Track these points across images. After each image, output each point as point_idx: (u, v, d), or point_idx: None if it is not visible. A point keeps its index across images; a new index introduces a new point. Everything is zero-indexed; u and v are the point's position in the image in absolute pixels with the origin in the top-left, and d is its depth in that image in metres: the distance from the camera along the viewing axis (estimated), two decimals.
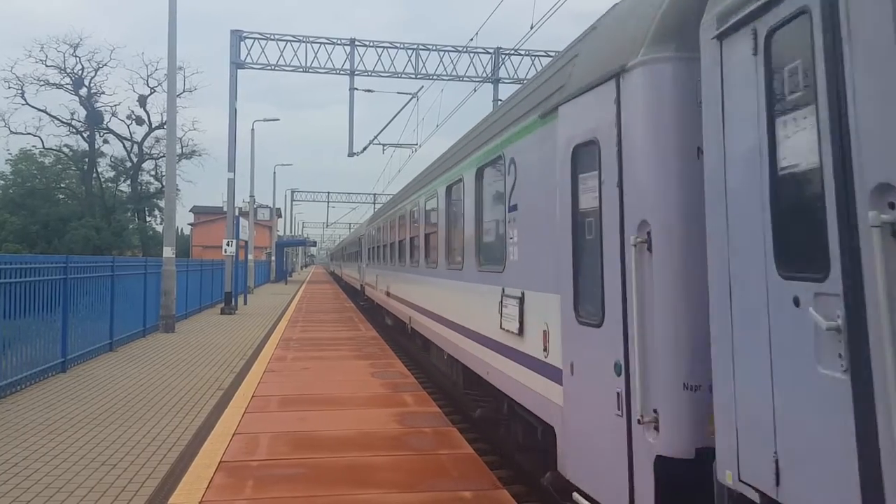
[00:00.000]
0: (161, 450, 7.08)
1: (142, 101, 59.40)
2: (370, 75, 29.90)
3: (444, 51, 30.17)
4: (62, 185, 60.48)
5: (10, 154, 56.97)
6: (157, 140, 59.59)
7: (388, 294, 18.45)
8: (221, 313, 24.81)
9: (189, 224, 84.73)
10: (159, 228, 55.44)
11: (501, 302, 6.82)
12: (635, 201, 4.17)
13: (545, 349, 5.57)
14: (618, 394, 4.27)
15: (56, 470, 6.41)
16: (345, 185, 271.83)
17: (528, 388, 6.02)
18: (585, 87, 4.80)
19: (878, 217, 2.46)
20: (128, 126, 60.89)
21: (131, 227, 60.89)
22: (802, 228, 2.98)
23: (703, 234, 3.70)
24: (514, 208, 6.53)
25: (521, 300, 6.22)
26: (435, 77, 29.95)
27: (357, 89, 29.82)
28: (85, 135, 58.87)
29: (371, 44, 29.80)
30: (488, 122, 8.43)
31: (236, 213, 28.79)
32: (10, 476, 6.22)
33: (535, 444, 6.30)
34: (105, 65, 63.61)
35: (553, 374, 5.35)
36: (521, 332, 6.24)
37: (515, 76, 30.27)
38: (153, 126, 60.05)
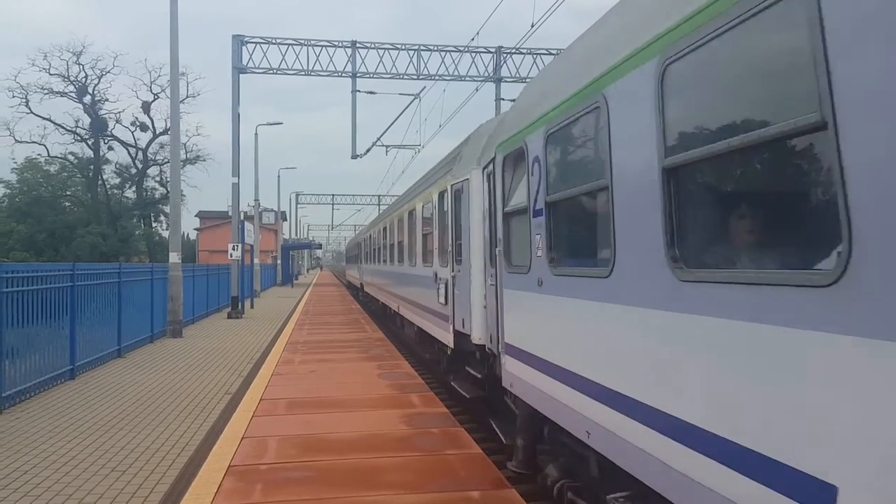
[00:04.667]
0: (170, 455, 7.10)
1: (145, 107, 59.72)
2: (372, 77, 29.94)
3: (446, 51, 30.18)
4: (68, 193, 60.77)
5: (15, 163, 57.35)
6: (162, 146, 59.92)
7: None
8: (228, 317, 24.89)
9: (195, 229, 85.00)
10: (165, 234, 55.66)
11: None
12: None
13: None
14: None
15: (66, 477, 6.44)
16: (349, 187, 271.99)
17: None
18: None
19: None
20: (132, 133, 61.27)
21: (137, 233, 61.16)
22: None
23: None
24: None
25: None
26: (437, 77, 29.96)
27: (359, 91, 29.88)
28: (90, 142, 59.24)
29: (372, 45, 29.83)
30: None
31: (241, 218, 28.87)
32: (22, 483, 6.25)
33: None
34: (108, 72, 63.88)
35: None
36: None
37: (517, 75, 30.24)
38: (157, 132, 60.38)
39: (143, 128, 60.57)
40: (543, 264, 5.54)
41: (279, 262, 62.53)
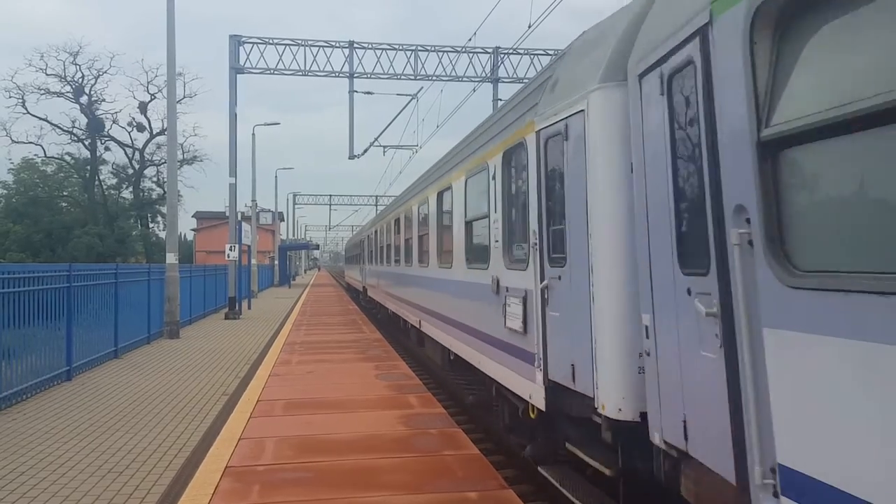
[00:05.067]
0: (167, 456, 7.09)
1: (142, 107, 59.58)
2: (369, 77, 29.94)
3: (443, 51, 30.19)
4: (65, 194, 60.59)
5: (12, 163, 57.16)
6: (159, 146, 59.72)
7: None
8: (226, 318, 24.85)
9: (192, 230, 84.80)
10: (162, 235, 55.49)
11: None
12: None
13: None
14: None
15: (62, 478, 6.42)
16: (346, 187, 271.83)
17: None
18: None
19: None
20: (129, 133, 61.11)
21: (134, 233, 61.01)
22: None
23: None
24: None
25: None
26: (434, 78, 29.97)
27: (357, 92, 29.87)
28: (86, 142, 59.05)
29: (370, 46, 29.82)
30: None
31: (238, 218, 28.83)
32: (18, 485, 6.23)
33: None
34: (105, 72, 63.38)
35: None
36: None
37: (514, 75, 30.26)
38: (154, 132, 60.20)
39: (140, 128, 60.47)
40: None
41: (276, 262, 62.49)
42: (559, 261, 5.76)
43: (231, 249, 26.61)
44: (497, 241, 7.53)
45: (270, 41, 28.68)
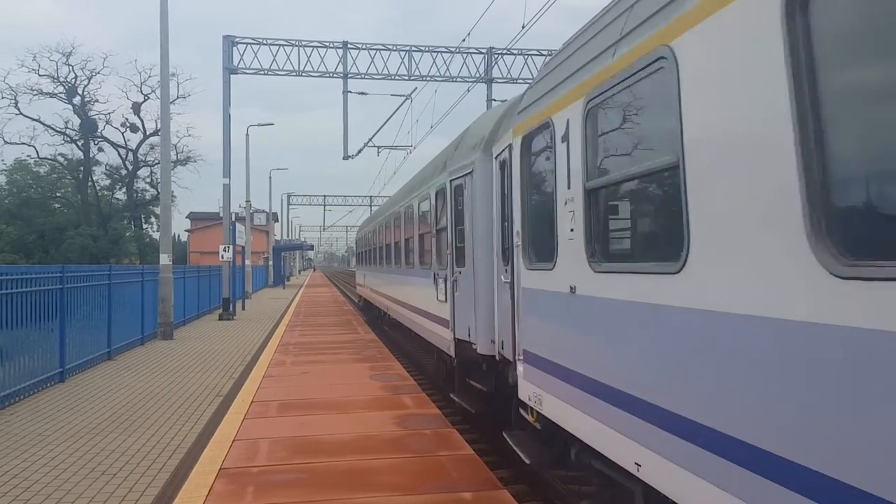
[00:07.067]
0: (161, 458, 7.07)
1: (136, 108, 59.37)
2: (363, 78, 29.92)
3: (437, 52, 30.19)
4: (58, 195, 60.35)
5: (4, 164, 56.90)
6: (152, 147, 59.58)
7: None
8: (220, 319, 24.80)
9: (186, 230, 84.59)
10: (156, 235, 55.33)
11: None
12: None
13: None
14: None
15: (56, 480, 6.40)
16: (341, 187, 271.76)
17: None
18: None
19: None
20: (122, 134, 60.85)
21: (128, 234, 60.77)
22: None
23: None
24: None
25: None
26: (428, 78, 29.96)
27: (351, 92, 29.84)
28: (79, 143, 58.80)
29: (364, 46, 29.80)
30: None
31: (232, 219, 28.77)
32: (11, 487, 6.21)
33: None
34: (98, 73, 63.54)
35: None
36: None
37: (508, 76, 30.28)
38: (148, 133, 60.03)
39: (134, 129, 60.23)
40: None
41: (271, 263, 62.35)
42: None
43: (225, 250, 26.56)
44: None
45: (264, 41, 28.63)
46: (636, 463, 3.97)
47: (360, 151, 32.39)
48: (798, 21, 2.65)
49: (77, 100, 57.38)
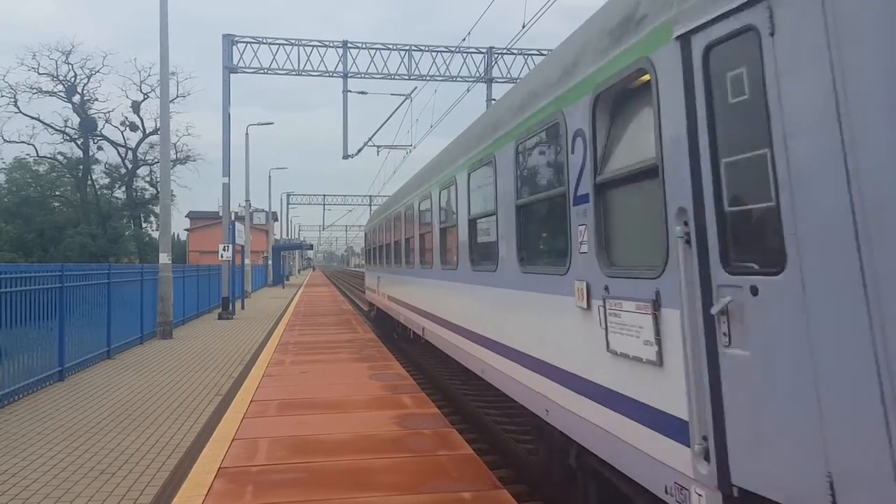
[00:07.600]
0: (160, 457, 7.07)
1: (135, 107, 59.34)
2: (363, 77, 29.92)
3: (437, 51, 30.19)
4: (57, 193, 60.32)
5: (3, 163, 56.88)
6: (152, 146, 59.53)
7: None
8: (219, 318, 24.80)
9: (185, 230, 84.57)
10: (155, 234, 55.32)
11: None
12: None
13: None
14: None
15: (55, 479, 6.40)
16: (340, 187, 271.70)
17: None
18: None
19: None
20: (122, 132, 60.81)
21: (127, 233, 60.73)
22: None
23: None
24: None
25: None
26: (428, 78, 29.96)
27: (350, 91, 29.83)
28: (79, 142, 58.75)
29: (364, 45, 29.80)
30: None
31: (232, 218, 28.76)
32: (10, 486, 6.20)
33: None
34: (98, 71, 63.37)
35: None
36: None
37: (508, 75, 30.27)
38: (147, 132, 60.00)
39: (133, 127, 60.19)
40: None
41: (270, 262, 62.34)
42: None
43: (224, 249, 26.54)
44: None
45: (264, 41, 28.62)
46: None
47: (359, 151, 32.42)
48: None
49: (76, 98, 57.39)
